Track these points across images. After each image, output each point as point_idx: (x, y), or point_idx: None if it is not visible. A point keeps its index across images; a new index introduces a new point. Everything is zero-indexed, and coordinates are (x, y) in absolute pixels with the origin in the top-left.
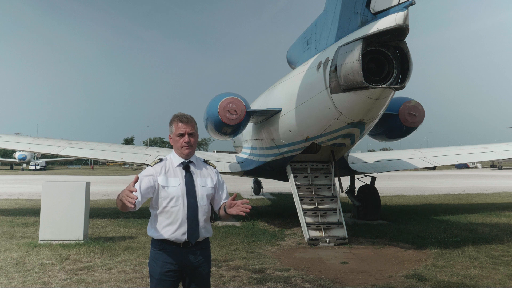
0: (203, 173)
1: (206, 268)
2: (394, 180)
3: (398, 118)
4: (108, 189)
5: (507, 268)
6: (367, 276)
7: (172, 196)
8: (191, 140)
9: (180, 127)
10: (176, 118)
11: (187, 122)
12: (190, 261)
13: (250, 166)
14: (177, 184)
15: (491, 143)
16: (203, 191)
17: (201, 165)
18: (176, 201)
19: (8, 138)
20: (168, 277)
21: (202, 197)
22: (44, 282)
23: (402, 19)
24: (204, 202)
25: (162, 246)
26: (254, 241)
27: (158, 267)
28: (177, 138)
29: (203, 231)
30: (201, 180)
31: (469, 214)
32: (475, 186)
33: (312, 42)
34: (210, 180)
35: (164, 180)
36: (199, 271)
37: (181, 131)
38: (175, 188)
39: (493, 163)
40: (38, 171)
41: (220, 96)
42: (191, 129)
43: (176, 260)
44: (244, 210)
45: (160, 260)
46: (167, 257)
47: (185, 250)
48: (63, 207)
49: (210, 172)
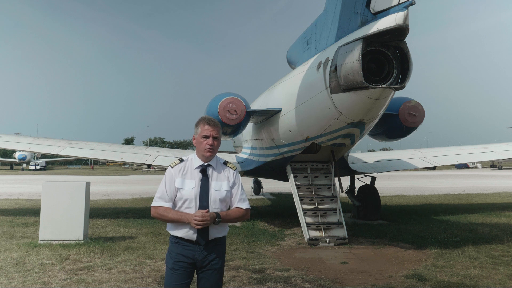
0: (220, 176)
1: (217, 263)
2: (394, 180)
3: (398, 118)
4: (108, 189)
5: (507, 268)
6: (367, 276)
7: (186, 198)
8: (215, 143)
9: (207, 129)
10: (203, 120)
11: (213, 126)
12: (202, 256)
13: (250, 166)
14: (192, 187)
15: (491, 143)
16: (216, 195)
17: (220, 168)
18: (189, 203)
19: (8, 138)
20: (179, 267)
21: (215, 201)
22: (44, 282)
23: (402, 19)
24: (217, 205)
25: (177, 240)
26: (254, 241)
27: (172, 258)
28: (201, 140)
29: (213, 232)
30: (216, 183)
31: (469, 214)
32: (475, 186)
33: (312, 42)
34: (227, 183)
35: (181, 182)
36: (211, 266)
37: (206, 133)
38: (189, 191)
39: (493, 163)
40: (38, 171)
41: (220, 96)
42: (216, 133)
43: (189, 254)
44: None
45: (174, 252)
46: (181, 250)
47: (198, 246)
48: (63, 207)
49: (228, 175)
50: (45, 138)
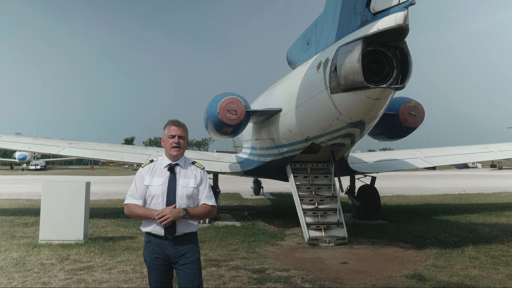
0: (187, 174)
1: (191, 256)
2: (394, 180)
3: (398, 118)
4: (108, 189)
5: (507, 268)
6: (367, 276)
7: (154, 195)
8: (180, 142)
9: (172, 129)
10: (169, 122)
11: (178, 126)
12: (172, 251)
13: (250, 166)
14: (159, 184)
15: (491, 143)
16: (183, 191)
17: (188, 167)
18: (157, 199)
19: (8, 138)
20: (157, 265)
21: (182, 197)
22: (44, 282)
23: (402, 19)
24: (184, 201)
25: (149, 238)
26: (254, 241)
27: (148, 257)
28: (168, 139)
29: (180, 227)
30: (184, 181)
31: (469, 214)
32: (475, 186)
33: (312, 42)
34: (194, 180)
35: (149, 180)
36: (185, 259)
37: (172, 133)
38: (157, 188)
39: (493, 163)
40: (38, 171)
41: (220, 96)
42: (181, 132)
43: (161, 250)
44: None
45: (148, 250)
46: (154, 248)
47: (167, 242)
48: (63, 207)
49: (196, 173)
50: (45, 138)
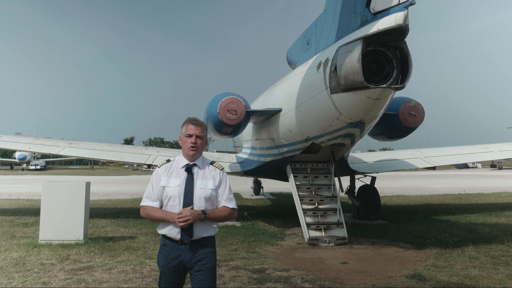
0: (206, 175)
1: (207, 263)
2: (394, 180)
3: (398, 118)
4: (108, 189)
5: (507, 268)
6: (367, 276)
7: (170, 196)
8: (198, 142)
9: (190, 128)
10: (187, 120)
11: (196, 125)
12: (189, 257)
13: (250, 166)
14: (176, 184)
15: (491, 143)
16: (201, 193)
17: (207, 167)
18: (173, 201)
19: (8, 138)
20: (169, 270)
21: (200, 199)
22: (44, 282)
23: (402, 19)
24: (202, 204)
25: (165, 242)
26: (254, 241)
27: (162, 260)
28: (185, 139)
29: (198, 231)
30: (202, 182)
31: (469, 214)
32: (475, 186)
33: (312, 42)
34: (212, 182)
35: (166, 180)
36: (200, 266)
37: (189, 132)
38: (173, 189)
39: (493, 163)
40: (38, 171)
41: (220, 96)
42: (200, 132)
43: (176, 255)
44: (179, 220)
45: (163, 253)
46: (169, 252)
47: (183, 246)
48: (63, 207)
49: (214, 174)
50: (45, 138)
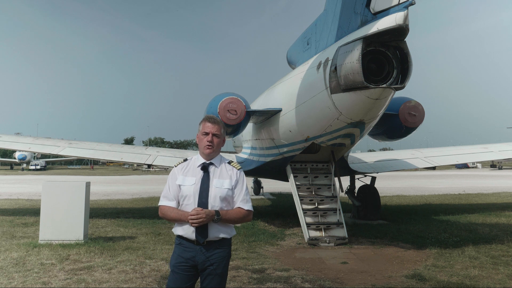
0: (222, 174)
1: (219, 268)
2: (394, 180)
3: (398, 118)
4: (108, 189)
5: (507, 268)
6: (367, 276)
7: (185, 195)
8: (214, 141)
9: (207, 126)
10: (205, 118)
11: (214, 123)
12: (203, 258)
13: (250, 166)
14: (192, 183)
15: (491, 143)
16: (216, 192)
17: (223, 166)
18: (188, 200)
19: (8, 138)
20: (180, 270)
21: (215, 198)
22: (44, 282)
23: (402, 19)
24: (217, 203)
25: (180, 241)
26: (254, 241)
27: (174, 259)
28: (202, 137)
29: (213, 231)
30: (218, 181)
31: (469, 214)
32: (475, 186)
33: (312, 42)
34: (229, 181)
35: (182, 179)
36: (211, 271)
37: (206, 130)
38: (189, 187)
39: (493, 163)
40: (38, 171)
41: (220, 96)
42: (217, 130)
43: (190, 255)
44: (191, 220)
45: (176, 253)
46: (182, 251)
47: (199, 247)
48: (63, 207)
49: (231, 174)
50: (45, 138)
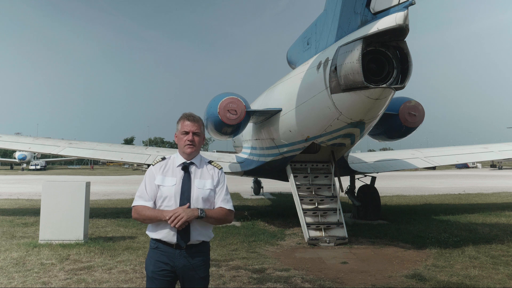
0: (204, 174)
1: (201, 272)
2: (394, 180)
3: (398, 118)
4: (108, 189)
5: (507, 268)
6: (367, 276)
7: (166, 196)
8: (195, 139)
9: (186, 125)
10: (183, 116)
11: (193, 121)
12: (183, 263)
13: (250, 166)
14: (172, 184)
15: (491, 143)
16: (199, 193)
17: (204, 166)
18: (169, 201)
19: (8, 138)
20: (159, 276)
21: (197, 199)
22: (44, 282)
23: (402, 19)
24: (199, 204)
25: (156, 245)
26: (254, 241)
27: (151, 265)
28: (182, 136)
29: (195, 234)
30: (200, 181)
31: (469, 214)
32: (475, 186)
33: (312, 42)
34: (211, 181)
35: (161, 179)
36: (193, 275)
37: (186, 129)
38: (169, 188)
39: (493, 163)
40: (38, 171)
41: (220, 96)
42: (197, 128)
43: (169, 260)
44: (171, 220)
45: (153, 258)
46: (160, 256)
47: (178, 251)
48: (63, 207)
49: (213, 173)
50: (45, 138)
